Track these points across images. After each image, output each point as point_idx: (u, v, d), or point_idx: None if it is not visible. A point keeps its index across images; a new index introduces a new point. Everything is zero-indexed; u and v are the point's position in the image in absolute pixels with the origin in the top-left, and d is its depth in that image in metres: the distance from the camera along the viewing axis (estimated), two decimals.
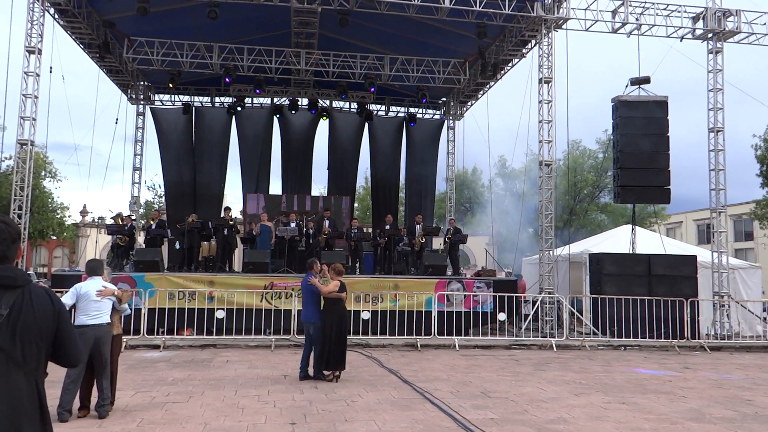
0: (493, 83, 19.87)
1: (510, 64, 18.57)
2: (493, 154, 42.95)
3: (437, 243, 19.88)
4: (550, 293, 14.71)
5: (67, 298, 6.52)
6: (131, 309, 10.69)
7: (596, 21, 15.73)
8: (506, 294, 13.99)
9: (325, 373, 8.87)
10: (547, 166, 15.33)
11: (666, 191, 15.55)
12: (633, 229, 16.73)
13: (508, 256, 38.18)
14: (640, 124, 15.62)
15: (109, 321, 6.63)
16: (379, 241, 16.42)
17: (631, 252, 15.86)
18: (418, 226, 16.85)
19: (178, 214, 19.60)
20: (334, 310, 8.89)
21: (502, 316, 13.94)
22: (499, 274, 17.23)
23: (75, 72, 18.74)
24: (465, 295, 14.17)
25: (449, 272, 15.86)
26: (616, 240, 18.24)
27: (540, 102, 15.44)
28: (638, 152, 15.49)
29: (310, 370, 8.98)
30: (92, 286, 6.61)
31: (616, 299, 13.93)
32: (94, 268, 6.86)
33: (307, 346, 9.08)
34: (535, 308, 14.60)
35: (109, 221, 26.35)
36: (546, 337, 13.77)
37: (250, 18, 16.95)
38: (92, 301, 6.53)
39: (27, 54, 13.80)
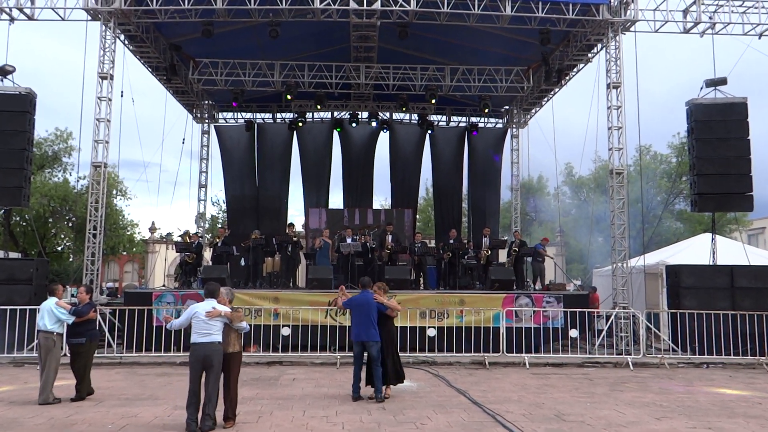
0: (557, 89, 19.51)
1: (575, 70, 18.19)
2: (559, 162, 42.04)
3: (502, 254, 19.62)
4: (624, 308, 14.22)
5: (182, 319, 7.40)
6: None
7: (666, 21, 15.22)
8: (578, 309, 13.62)
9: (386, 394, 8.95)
10: (617, 174, 14.88)
11: (748, 198, 14.82)
12: (713, 238, 16.00)
13: (577, 267, 37.34)
14: (718, 128, 14.97)
15: (220, 340, 7.22)
16: (443, 255, 16.33)
17: (711, 263, 15.17)
18: (485, 239, 16.71)
19: (240, 229, 20.11)
20: (388, 328, 9.04)
21: (573, 333, 13.59)
22: (568, 287, 16.84)
23: (143, 92, 19.63)
24: (534, 311, 13.89)
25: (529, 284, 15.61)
26: (694, 250, 17.49)
27: (609, 108, 15.03)
28: (716, 157, 14.84)
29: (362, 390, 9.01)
30: (203, 307, 7.32)
31: (697, 314, 13.33)
32: (210, 291, 7.58)
33: (358, 365, 9.10)
34: (609, 323, 14.14)
35: (176, 238, 27.29)
36: (621, 354, 13.31)
37: (309, 34, 17.28)
38: (201, 321, 7.20)
39: (100, 80, 14.49)
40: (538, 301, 14.13)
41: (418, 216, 35.51)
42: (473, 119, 22.18)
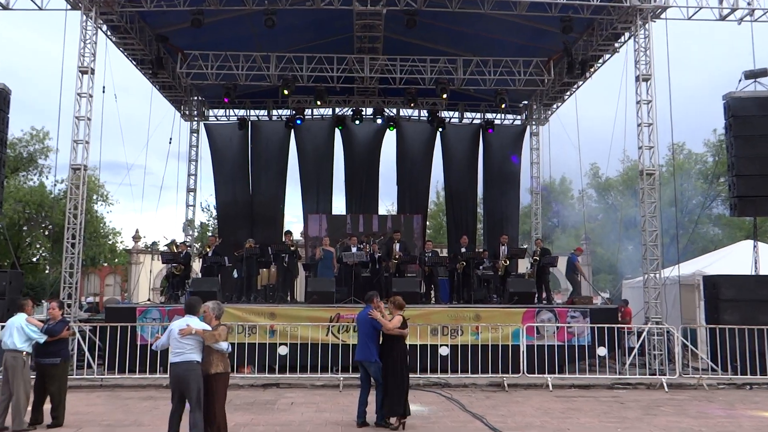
0: (581, 82, 19.49)
1: (600, 61, 18.16)
2: (583, 162, 41.97)
3: (522, 264, 19.60)
4: (658, 323, 14.13)
5: (163, 338, 7.42)
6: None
7: (700, 8, 15.14)
8: (606, 324, 13.54)
9: (390, 420, 8.78)
10: (649, 175, 14.83)
11: None
12: (755, 246, 15.90)
13: (605, 278, 37.23)
14: (759, 124, 14.88)
15: (196, 359, 7.16)
16: (456, 265, 16.32)
17: (753, 273, 15.07)
18: (503, 248, 16.70)
19: (232, 238, 20.17)
20: (395, 348, 8.83)
21: (602, 351, 13.50)
22: (595, 300, 16.78)
23: (127, 88, 19.62)
24: (558, 327, 13.83)
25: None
26: (734, 258, 17.39)
27: (638, 103, 14.99)
28: (757, 156, 14.73)
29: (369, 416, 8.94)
30: (178, 324, 7.31)
31: (738, 329, 13.24)
32: (189, 307, 7.52)
33: (364, 389, 9.03)
34: (640, 341, 14.05)
35: (163, 248, 27.27)
36: (655, 374, 13.22)
37: (309, 24, 17.32)
38: (175, 339, 7.19)
39: (80, 74, 14.55)
40: (562, 316, 14.07)
41: (428, 222, 35.37)
42: (488, 116, 22.18)
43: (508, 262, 16.69)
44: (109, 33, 16.34)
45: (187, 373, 7.06)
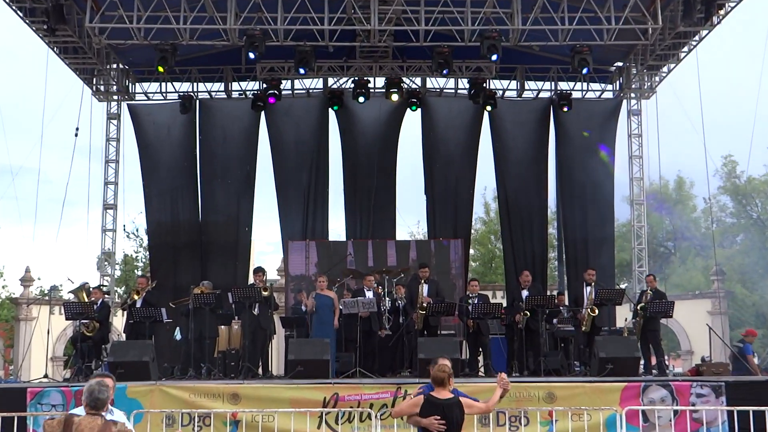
0: (705, 32, 19.47)
1: (733, 1, 18.17)
2: (712, 155, 41.79)
3: (620, 316, 19.46)
4: None
5: None
6: None
7: None
8: (752, 407, 13.37)
9: None
10: None
11: None
12: None
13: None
14: None
15: None
16: (516, 316, 16.25)
17: None
18: (588, 288, 16.59)
19: (171, 278, 20.34)
20: None
21: None
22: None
23: (9, 53, 19.79)
24: (676, 410, 13.71)
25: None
26: None
27: None
28: None
29: None
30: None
31: None
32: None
33: None
34: None
35: (67, 295, 27.39)
36: None
37: None
38: None
39: None
40: (683, 393, 13.96)
41: (473, 251, 35.22)
42: (563, 86, 22.34)
43: (596, 311, 16.55)
44: None
45: None
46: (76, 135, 20.34)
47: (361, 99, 21.29)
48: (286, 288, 21.30)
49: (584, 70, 19.26)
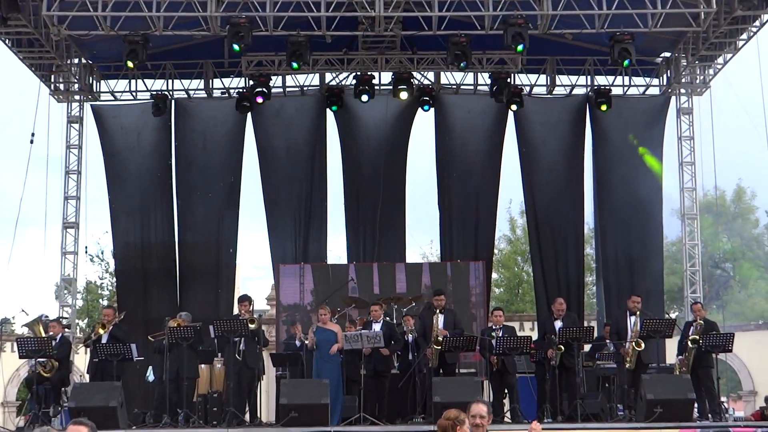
0: None
1: None
2: None
3: (670, 350, 19.43)
4: None
5: None
6: None
7: None
8: None
9: None
10: None
11: None
12: None
13: None
14: None
15: None
16: (549, 352, 16.25)
17: None
18: (632, 318, 16.56)
19: (142, 309, 20.41)
20: None
21: None
22: None
23: None
24: None
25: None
26: None
27: None
28: None
29: None
30: None
31: None
32: None
33: None
34: None
35: (21, 329, 27.49)
36: None
37: None
38: None
39: None
40: None
41: (496, 275, 35.19)
42: (600, 81, 22.32)
43: (642, 345, 16.54)
44: None
45: None
46: (32, 142, 20.36)
47: (365, 98, 21.22)
48: (277, 320, 21.31)
49: (626, 63, 19.26)
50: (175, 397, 16.22)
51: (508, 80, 21.37)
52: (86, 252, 30.17)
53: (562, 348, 16.14)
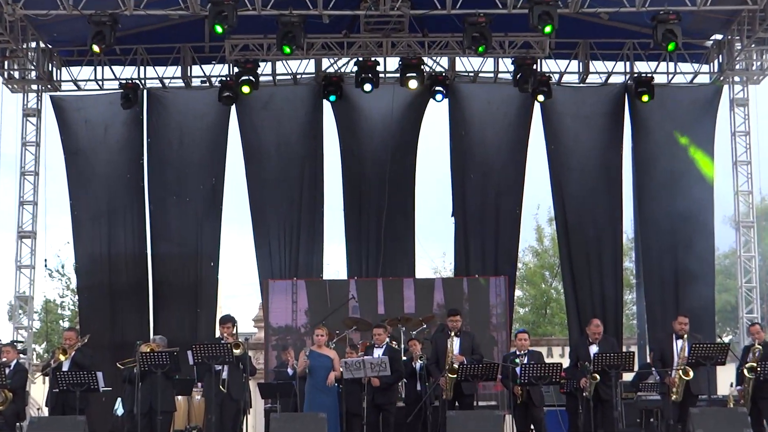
0: None
1: None
2: None
3: (722, 379, 19.48)
4: None
5: None
6: None
7: None
8: None
9: None
10: None
11: None
12: None
13: None
14: None
15: None
16: (583, 381, 16.34)
17: None
18: (678, 342, 16.55)
19: (109, 331, 20.60)
20: None
21: None
22: None
23: None
24: None
25: None
26: None
27: None
28: None
29: None
30: None
31: None
32: None
33: None
34: None
35: None
36: None
37: None
38: None
39: None
40: None
41: (520, 293, 35.31)
42: (641, 67, 22.41)
43: (691, 373, 16.57)
44: None
45: None
46: None
47: (368, 87, 21.23)
48: (266, 344, 21.31)
49: (671, 46, 19.38)
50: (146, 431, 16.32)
51: (534, 67, 21.36)
52: (45, 266, 30.33)
53: (598, 377, 15.99)
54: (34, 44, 21.90)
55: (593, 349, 16.57)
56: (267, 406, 18.03)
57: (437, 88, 21.85)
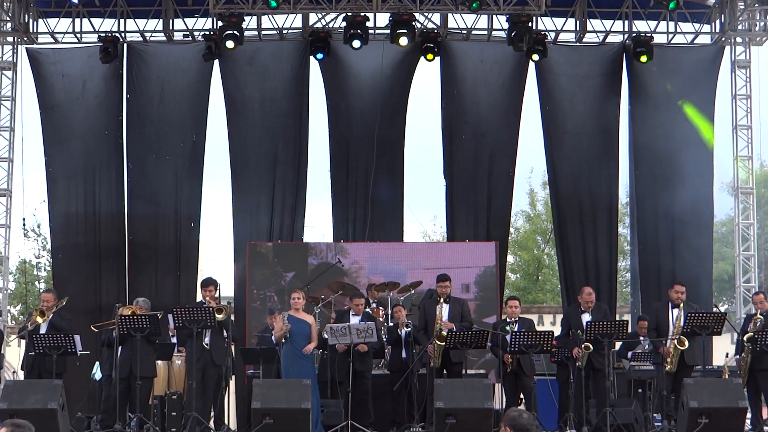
0: None
1: None
2: None
3: (718, 350, 19.49)
4: None
5: None
6: None
7: None
8: None
9: None
10: None
11: None
12: None
13: None
14: None
15: None
16: (573, 350, 16.37)
17: None
18: (674, 312, 16.52)
19: (86, 293, 20.61)
20: None
21: None
22: None
23: None
24: None
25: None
26: None
27: None
28: None
29: None
30: None
31: None
32: None
33: None
34: None
35: None
36: None
37: None
38: None
39: None
40: None
41: (512, 258, 35.34)
42: (640, 26, 22.37)
43: (686, 343, 16.56)
44: None
45: None
46: None
47: (357, 44, 21.19)
48: (246, 308, 21.16)
49: (671, 5, 19.32)
50: (127, 398, 16.16)
51: (530, 24, 21.27)
52: (23, 225, 30.10)
53: (591, 346, 16.05)
54: None
55: (586, 317, 16.67)
56: (250, 372, 17.96)
57: (428, 46, 21.79)
